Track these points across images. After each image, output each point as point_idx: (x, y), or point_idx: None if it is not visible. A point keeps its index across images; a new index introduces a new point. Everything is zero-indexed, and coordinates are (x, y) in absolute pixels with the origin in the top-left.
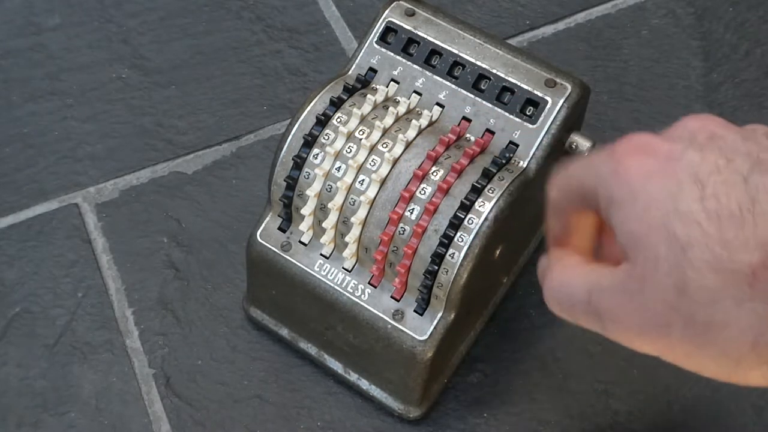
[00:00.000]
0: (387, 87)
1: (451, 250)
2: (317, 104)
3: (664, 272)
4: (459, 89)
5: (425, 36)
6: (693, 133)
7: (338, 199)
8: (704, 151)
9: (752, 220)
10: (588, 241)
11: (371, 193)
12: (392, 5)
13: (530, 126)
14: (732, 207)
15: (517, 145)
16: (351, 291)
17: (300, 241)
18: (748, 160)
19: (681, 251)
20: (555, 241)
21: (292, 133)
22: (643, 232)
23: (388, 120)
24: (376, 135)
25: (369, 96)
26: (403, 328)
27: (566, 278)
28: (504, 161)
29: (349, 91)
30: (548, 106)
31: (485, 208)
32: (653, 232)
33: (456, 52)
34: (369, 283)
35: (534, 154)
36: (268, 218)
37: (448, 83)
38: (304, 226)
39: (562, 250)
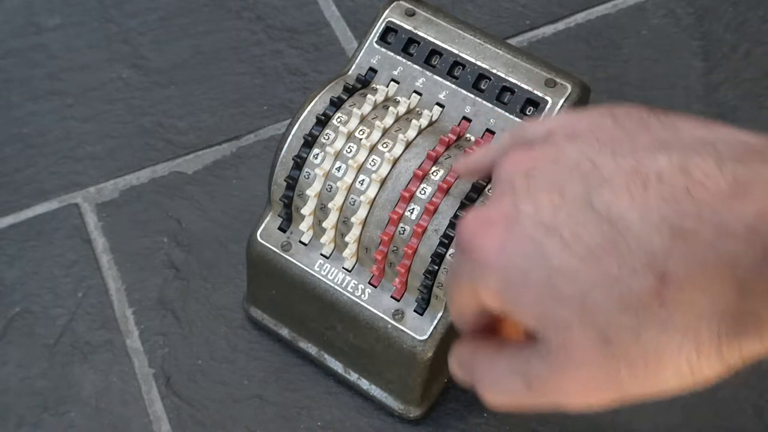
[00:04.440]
0: (387, 87)
1: (451, 250)
2: (317, 104)
3: (580, 334)
4: (459, 89)
5: (425, 36)
6: (510, 181)
7: (338, 199)
8: (531, 194)
9: (623, 242)
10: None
11: (371, 193)
12: (392, 5)
13: None
14: (596, 239)
15: None
16: (351, 291)
17: (300, 241)
18: (573, 180)
19: (581, 307)
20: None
21: (292, 133)
22: (537, 307)
23: (388, 120)
24: (376, 135)
25: (369, 96)
26: (403, 328)
27: (495, 375)
28: None
29: (349, 91)
30: (548, 106)
31: None
32: (546, 302)
33: (456, 52)
34: (369, 282)
35: None
36: (268, 218)
37: (448, 83)
38: (304, 226)
39: (472, 338)
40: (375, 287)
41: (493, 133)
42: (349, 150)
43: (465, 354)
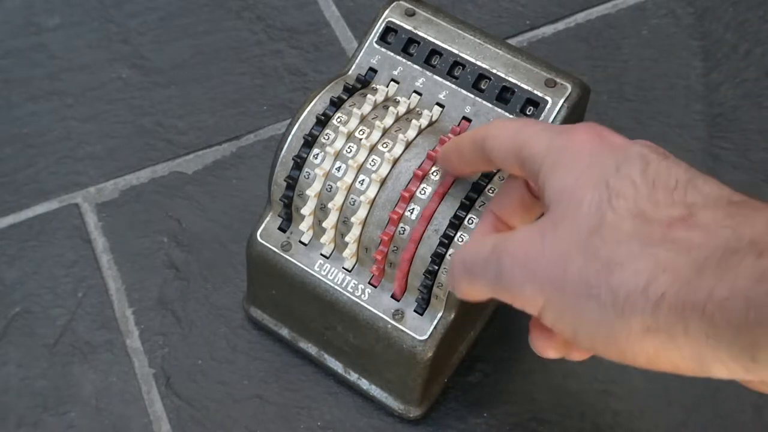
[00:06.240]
0: (387, 87)
1: (451, 250)
2: (317, 104)
3: (584, 213)
4: (459, 89)
5: (425, 36)
6: (645, 154)
7: (338, 199)
8: (653, 151)
9: (683, 189)
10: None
11: (371, 193)
12: (392, 5)
13: None
14: (669, 179)
15: None
16: (351, 291)
17: (300, 241)
18: (692, 168)
19: (608, 198)
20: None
21: (292, 133)
22: (576, 182)
23: (388, 120)
24: (376, 135)
25: (369, 96)
26: (403, 328)
27: (476, 240)
28: None
29: (349, 91)
30: (548, 106)
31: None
32: (586, 181)
33: (456, 52)
34: (369, 282)
35: None
36: (268, 218)
37: (448, 83)
38: (304, 226)
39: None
40: (375, 287)
41: None
42: (349, 150)
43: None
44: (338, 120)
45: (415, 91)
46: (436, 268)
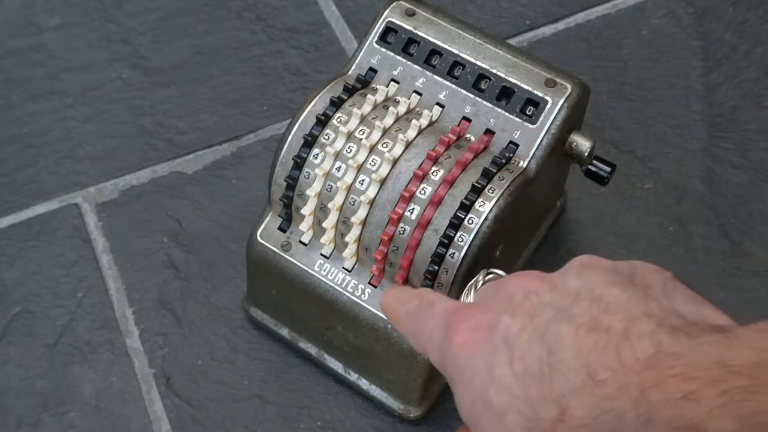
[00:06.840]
0: (387, 87)
1: (451, 250)
2: (317, 104)
3: None
4: (459, 89)
5: (425, 36)
6: (511, 295)
7: (338, 199)
8: (516, 312)
9: (549, 373)
10: None
11: (371, 193)
12: (392, 5)
13: (530, 126)
14: (533, 364)
15: (517, 145)
16: (351, 291)
17: (300, 241)
18: (550, 312)
19: (499, 418)
20: None
21: (292, 133)
22: (471, 409)
23: (388, 120)
24: (376, 135)
25: (369, 96)
26: None
27: None
28: (504, 161)
29: (349, 91)
30: (548, 106)
31: (485, 207)
32: (477, 404)
33: (456, 52)
34: (369, 282)
35: (534, 154)
36: (268, 218)
37: (448, 83)
38: (304, 226)
39: None
40: (375, 287)
41: (493, 133)
42: (349, 150)
43: None
44: (338, 120)
45: (415, 91)
46: (436, 268)
